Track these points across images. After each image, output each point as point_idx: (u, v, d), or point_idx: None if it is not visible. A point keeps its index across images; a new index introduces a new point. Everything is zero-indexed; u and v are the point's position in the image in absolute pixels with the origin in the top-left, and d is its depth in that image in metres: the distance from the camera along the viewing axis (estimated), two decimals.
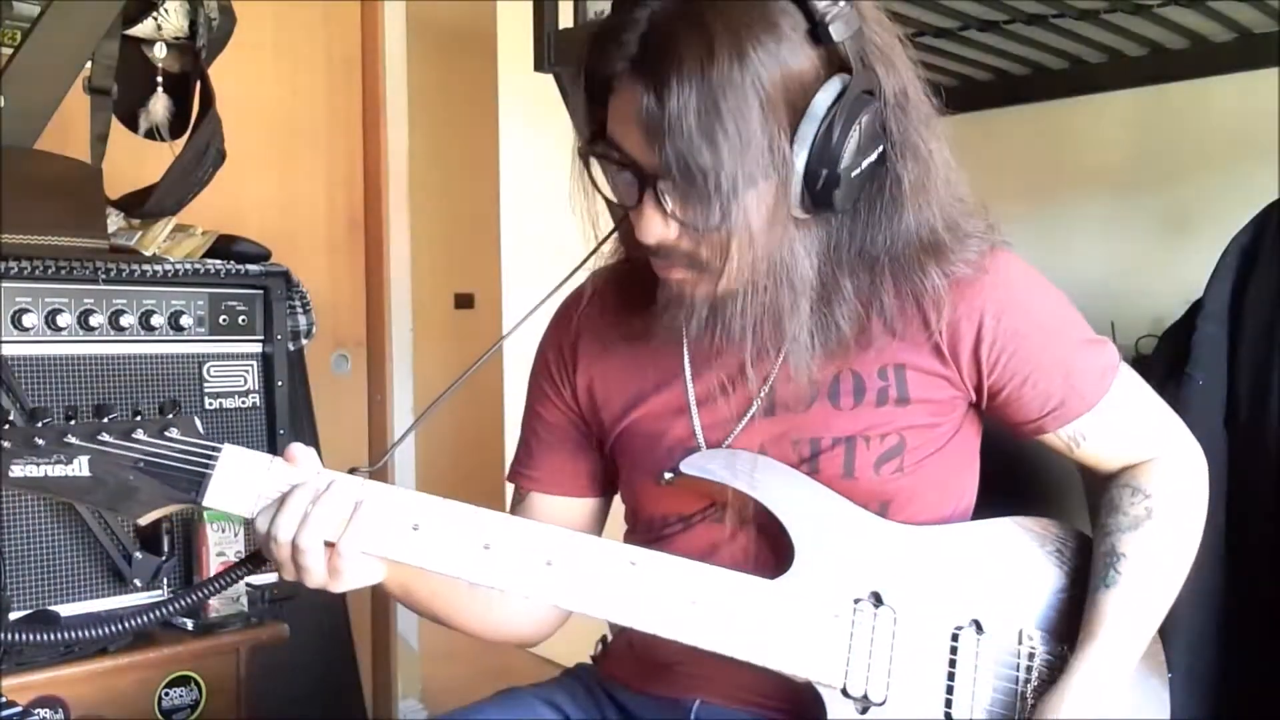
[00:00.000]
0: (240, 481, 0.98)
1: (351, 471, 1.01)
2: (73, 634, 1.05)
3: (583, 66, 1.00)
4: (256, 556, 1.03)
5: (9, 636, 1.07)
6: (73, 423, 0.96)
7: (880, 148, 0.99)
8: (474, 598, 1.11)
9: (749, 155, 0.92)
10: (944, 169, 1.03)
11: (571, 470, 1.20)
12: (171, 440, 0.98)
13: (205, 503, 0.97)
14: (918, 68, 1.03)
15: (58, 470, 0.95)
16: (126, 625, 1.02)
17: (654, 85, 0.92)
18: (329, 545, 0.97)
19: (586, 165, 1.02)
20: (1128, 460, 1.12)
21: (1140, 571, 1.06)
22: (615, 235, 1.10)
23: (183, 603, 1.06)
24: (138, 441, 0.97)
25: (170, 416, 0.99)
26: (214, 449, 0.98)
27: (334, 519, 0.97)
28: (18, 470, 0.94)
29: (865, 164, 0.97)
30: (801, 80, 0.94)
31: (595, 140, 1.00)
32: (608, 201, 1.06)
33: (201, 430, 1.00)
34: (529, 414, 1.24)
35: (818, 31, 0.94)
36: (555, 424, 1.20)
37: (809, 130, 0.94)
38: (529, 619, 1.17)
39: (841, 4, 0.94)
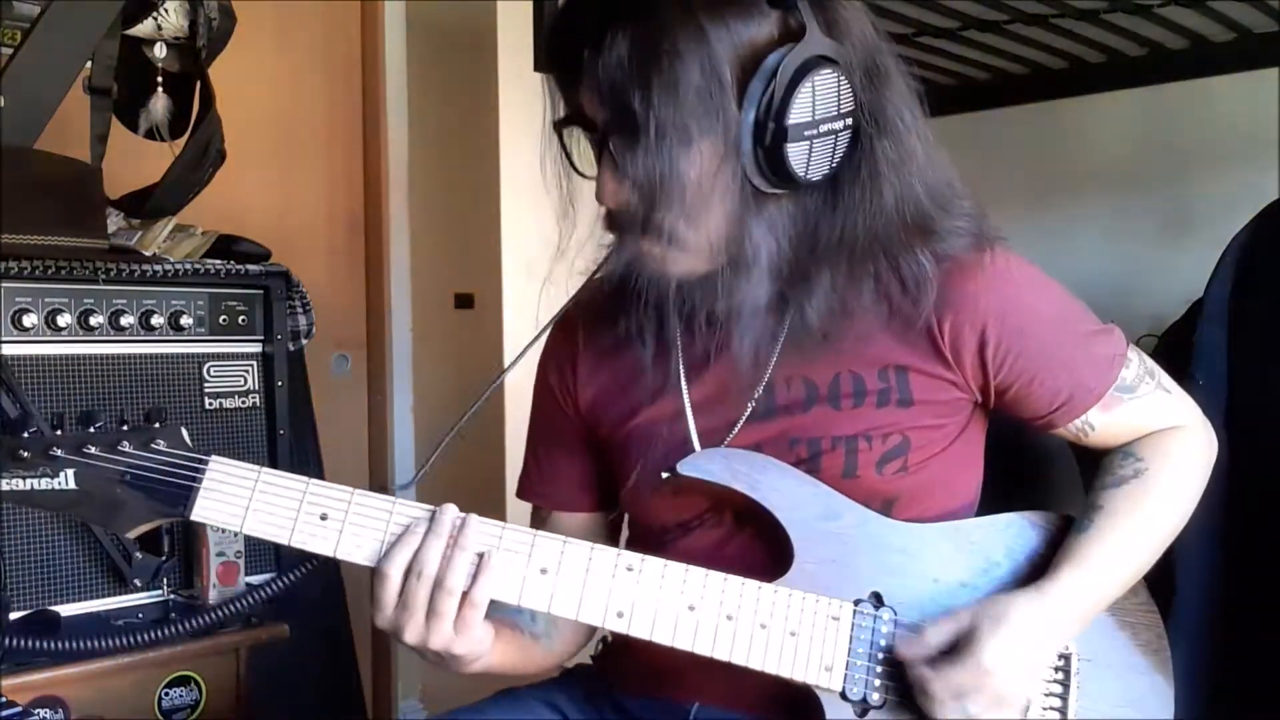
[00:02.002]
0: (228, 495, 0.97)
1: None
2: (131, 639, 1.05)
3: (549, 41, 1.02)
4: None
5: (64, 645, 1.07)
6: (59, 433, 0.95)
7: (849, 121, 0.99)
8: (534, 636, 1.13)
9: (684, 103, 0.93)
10: (925, 147, 1.03)
11: (586, 486, 1.21)
12: (157, 452, 0.97)
13: (193, 517, 0.96)
14: (892, 44, 1.03)
15: (44, 484, 0.94)
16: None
17: (596, 37, 0.94)
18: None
19: (562, 143, 1.04)
20: (1135, 439, 1.13)
21: (1114, 522, 1.06)
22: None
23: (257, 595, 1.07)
24: (123, 454, 0.96)
25: (156, 426, 0.97)
26: (200, 461, 0.97)
27: (468, 564, 0.96)
28: (3, 484, 0.94)
29: (826, 129, 0.97)
30: (754, 43, 0.95)
31: (568, 118, 1.02)
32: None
33: (188, 441, 0.98)
34: (536, 433, 1.24)
35: None
36: (564, 441, 1.20)
37: (757, 88, 0.95)
38: (583, 633, 1.18)
39: None
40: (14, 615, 1.62)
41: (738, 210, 0.98)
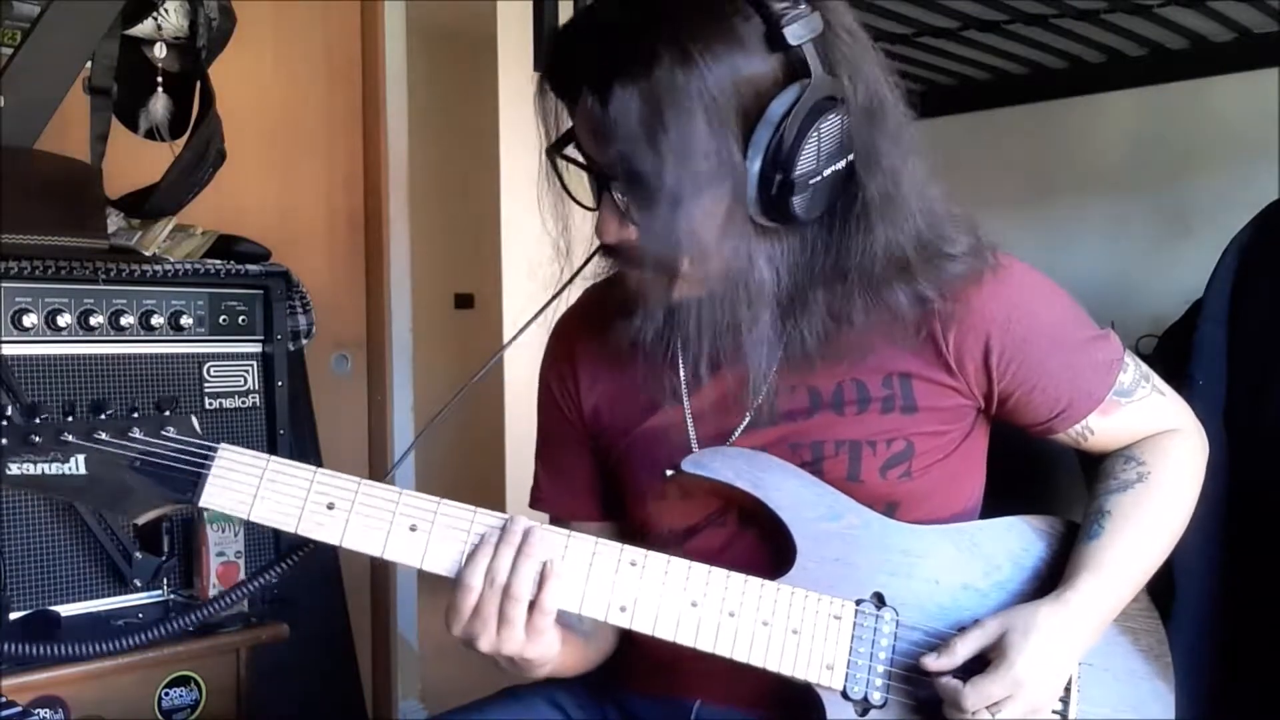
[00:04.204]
0: (237, 482, 0.97)
1: None
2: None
3: (545, 72, 1.01)
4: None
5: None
6: (70, 419, 0.95)
7: (848, 158, 0.98)
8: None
9: (692, 162, 0.92)
10: (915, 185, 1.02)
11: (596, 493, 1.21)
12: (168, 439, 0.97)
13: (201, 503, 0.96)
14: (892, 77, 1.02)
15: (54, 468, 0.95)
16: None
17: (598, 89, 0.92)
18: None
19: (554, 165, 1.03)
20: (1134, 442, 1.13)
21: (1123, 527, 1.07)
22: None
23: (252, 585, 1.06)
24: (134, 440, 0.96)
25: (167, 414, 0.98)
26: (210, 448, 0.97)
27: (535, 571, 0.97)
28: (14, 468, 0.94)
29: (829, 172, 0.97)
30: (756, 86, 0.94)
31: (562, 142, 1.01)
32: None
33: (198, 429, 0.99)
34: (544, 442, 1.24)
35: (774, 35, 0.93)
36: (572, 448, 1.20)
37: (763, 136, 0.94)
38: (610, 639, 1.17)
39: (801, 6, 0.94)
40: (14, 615, 1.62)
41: (739, 245, 0.98)
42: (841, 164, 0.98)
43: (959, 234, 1.05)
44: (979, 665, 1.00)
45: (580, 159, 1.01)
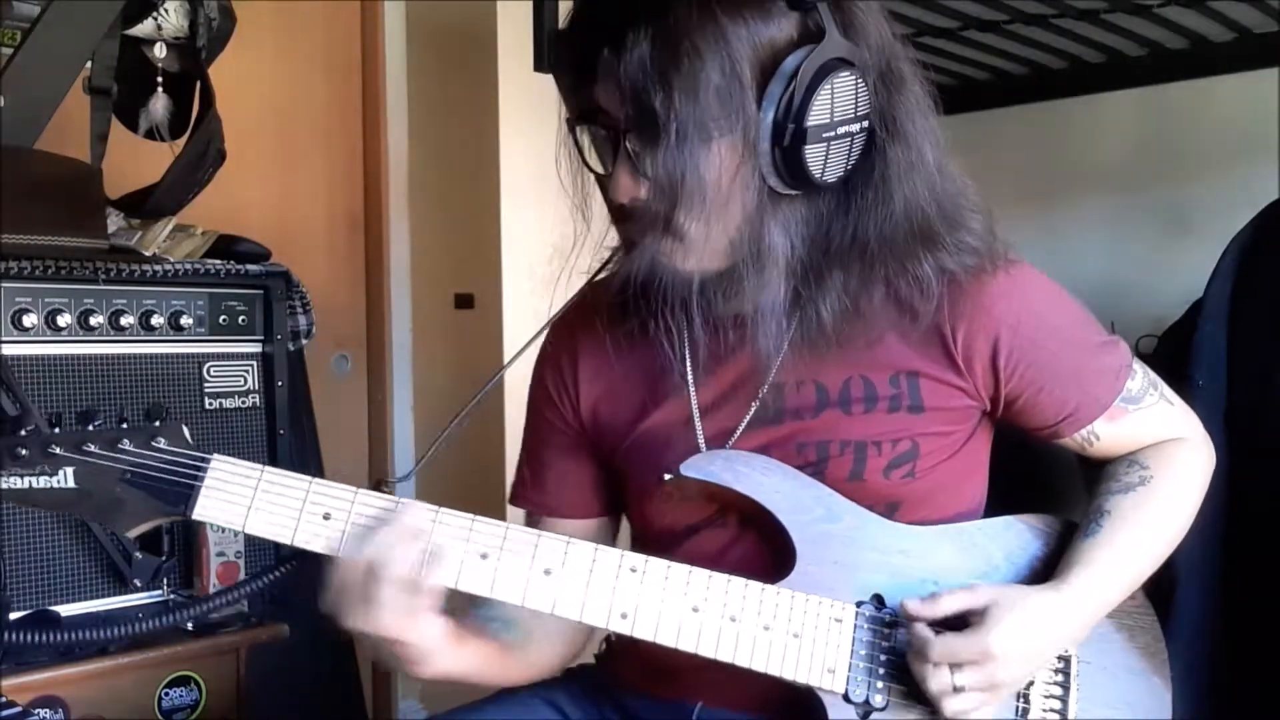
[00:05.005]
0: (230, 494, 0.96)
1: (378, 485, 1.00)
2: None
3: (566, 44, 1.02)
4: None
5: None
6: (57, 431, 0.94)
7: (865, 123, 0.99)
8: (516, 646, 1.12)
9: (705, 102, 0.93)
10: (935, 155, 1.03)
11: (580, 491, 1.20)
12: (158, 450, 0.96)
13: (195, 516, 0.95)
14: (908, 49, 1.03)
15: (42, 482, 0.93)
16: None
17: (616, 36, 0.94)
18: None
19: (575, 139, 1.04)
20: (1138, 449, 1.13)
21: (1122, 528, 1.07)
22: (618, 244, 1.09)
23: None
24: (124, 452, 0.95)
25: (157, 424, 0.97)
26: (202, 460, 0.96)
27: (416, 554, 0.95)
28: (1, 483, 0.92)
29: (843, 131, 0.97)
30: (774, 44, 0.96)
31: (582, 115, 1.02)
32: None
33: (189, 439, 0.98)
34: (532, 436, 1.23)
35: None
36: (560, 445, 1.20)
37: (776, 89, 0.95)
38: (563, 645, 1.16)
39: None
40: (14, 615, 1.62)
41: (753, 210, 0.98)
42: (857, 128, 0.98)
43: (977, 213, 1.06)
44: (960, 625, 0.99)
45: (593, 120, 1.01)
